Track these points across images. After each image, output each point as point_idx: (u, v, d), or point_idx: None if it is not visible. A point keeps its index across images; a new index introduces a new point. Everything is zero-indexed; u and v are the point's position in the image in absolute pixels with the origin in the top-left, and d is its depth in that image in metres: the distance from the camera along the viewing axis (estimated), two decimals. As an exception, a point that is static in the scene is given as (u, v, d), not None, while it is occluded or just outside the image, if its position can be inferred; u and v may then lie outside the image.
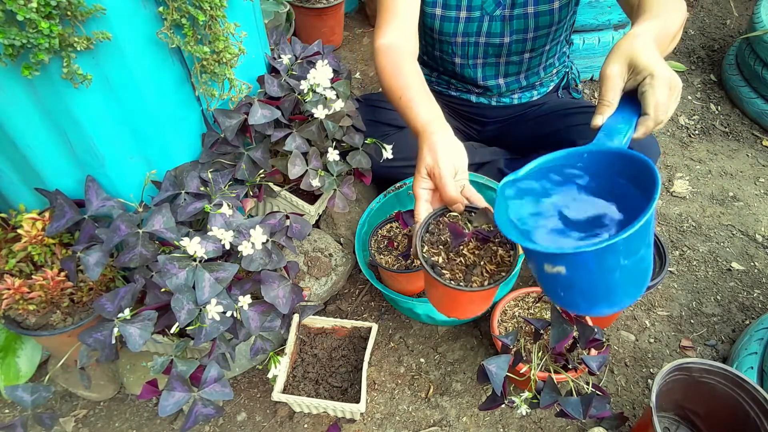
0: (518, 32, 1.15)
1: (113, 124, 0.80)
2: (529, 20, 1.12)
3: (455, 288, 0.71)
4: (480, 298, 0.78)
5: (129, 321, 0.79)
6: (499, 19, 1.12)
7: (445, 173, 0.77)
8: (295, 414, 1.06)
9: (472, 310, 0.84)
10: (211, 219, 0.83)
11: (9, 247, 0.85)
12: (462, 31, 1.14)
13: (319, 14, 1.89)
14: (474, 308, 0.83)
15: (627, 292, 0.64)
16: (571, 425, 1.05)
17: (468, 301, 0.78)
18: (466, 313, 0.86)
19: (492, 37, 1.15)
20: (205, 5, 0.75)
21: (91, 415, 1.07)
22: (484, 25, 1.13)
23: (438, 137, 0.80)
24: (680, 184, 1.55)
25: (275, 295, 0.88)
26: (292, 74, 1.01)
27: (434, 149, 0.79)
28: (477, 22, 1.13)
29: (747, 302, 1.29)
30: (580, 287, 0.63)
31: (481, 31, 1.14)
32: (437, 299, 0.82)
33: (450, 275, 0.74)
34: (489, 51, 1.19)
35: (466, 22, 1.12)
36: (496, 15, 1.11)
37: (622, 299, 0.64)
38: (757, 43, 1.71)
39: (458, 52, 1.20)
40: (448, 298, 0.79)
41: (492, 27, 1.13)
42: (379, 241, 1.12)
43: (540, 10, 1.11)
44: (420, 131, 0.85)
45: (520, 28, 1.14)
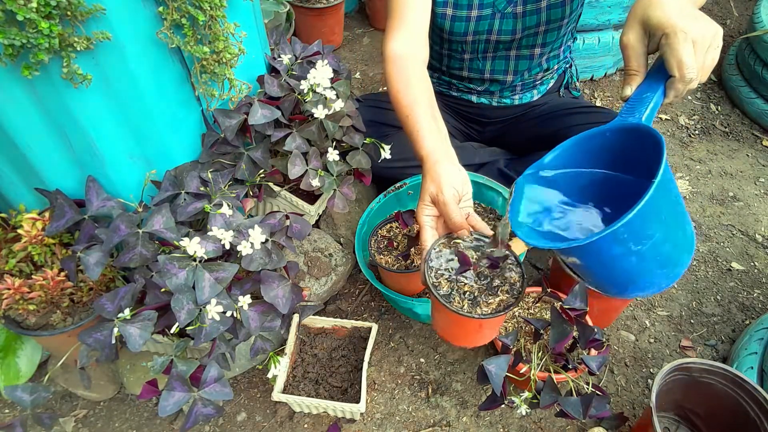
0: (530, 27, 1.14)
1: (113, 124, 0.80)
2: (541, 14, 1.12)
3: (465, 315, 0.71)
4: (489, 325, 0.77)
5: (129, 321, 0.79)
6: (510, 16, 1.12)
7: (449, 200, 0.78)
8: (295, 414, 1.06)
9: (481, 338, 0.83)
10: (211, 219, 0.83)
11: (9, 247, 0.85)
12: (473, 30, 1.14)
13: (319, 14, 1.90)
14: (483, 335, 0.82)
15: (656, 275, 0.61)
16: (571, 425, 1.05)
17: (477, 328, 0.77)
18: (476, 341, 0.85)
19: (503, 34, 1.15)
20: (205, 5, 0.75)
21: (91, 415, 1.07)
22: (496, 22, 1.12)
23: (441, 166, 0.82)
24: (680, 184, 1.55)
25: (275, 294, 0.88)
26: (292, 74, 1.01)
27: (437, 178, 0.80)
28: (488, 20, 1.12)
29: (747, 302, 1.29)
30: (600, 274, 0.63)
31: (492, 29, 1.14)
32: (445, 326, 0.81)
33: (458, 302, 0.74)
34: (500, 47, 1.19)
35: (477, 21, 1.12)
36: (507, 12, 1.11)
37: (653, 282, 0.62)
38: (757, 43, 1.71)
39: (468, 49, 1.20)
40: (457, 326, 0.78)
41: (503, 24, 1.13)
42: (379, 241, 1.12)
43: (552, 3, 1.10)
44: (424, 159, 0.86)
45: (532, 24, 1.13)
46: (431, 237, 0.80)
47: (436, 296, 0.72)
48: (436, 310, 0.81)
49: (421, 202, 0.82)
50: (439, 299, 0.72)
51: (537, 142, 1.24)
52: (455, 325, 0.78)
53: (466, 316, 0.71)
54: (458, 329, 0.80)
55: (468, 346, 0.89)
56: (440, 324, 0.82)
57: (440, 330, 0.84)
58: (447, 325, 0.80)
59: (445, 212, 0.79)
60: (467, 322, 0.73)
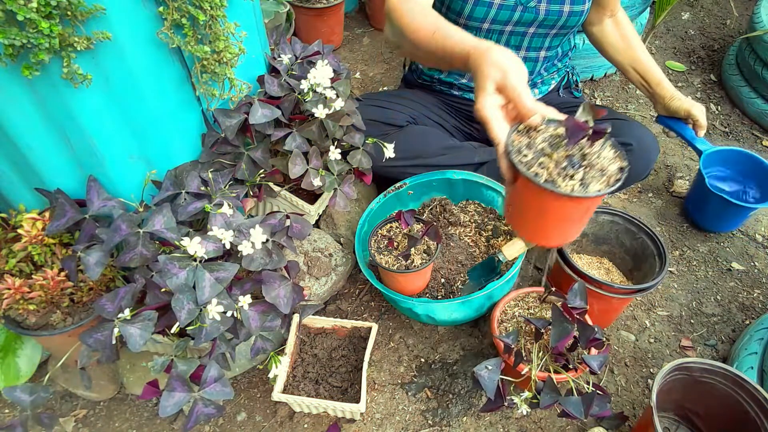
0: (544, 26, 1.15)
1: (113, 124, 0.80)
2: (561, 18, 1.13)
3: (580, 196, 0.63)
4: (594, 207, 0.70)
5: (129, 321, 0.79)
6: (532, 11, 1.12)
7: (519, 82, 0.71)
8: (295, 414, 1.06)
9: (580, 226, 0.74)
10: (211, 219, 0.83)
11: (9, 247, 0.85)
12: (492, 17, 1.13)
13: (319, 14, 1.90)
14: (582, 223, 0.74)
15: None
16: (571, 425, 1.05)
17: (586, 211, 0.69)
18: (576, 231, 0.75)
19: (518, 26, 1.16)
20: (206, 5, 0.75)
21: (91, 415, 1.07)
22: (516, 14, 1.13)
23: (497, 50, 0.75)
24: (680, 184, 1.55)
25: (276, 294, 0.88)
26: (292, 74, 1.01)
27: (499, 61, 0.73)
28: (509, 11, 1.12)
29: (747, 302, 1.29)
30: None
31: (511, 20, 1.14)
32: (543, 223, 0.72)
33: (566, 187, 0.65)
34: (510, 41, 1.20)
35: (498, 9, 1.12)
36: (530, 6, 1.11)
37: None
38: (757, 43, 1.71)
39: (480, 37, 1.20)
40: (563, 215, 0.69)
41: (523, 17, 1.13)
42: (379, 241, 1.12)
43: (574, 11, 1.12)
44: (471, 52, 0.79)
45: (549, 23, 1.14)
46: (504, 128, 0.71)
47: (538, 184, 0.64)
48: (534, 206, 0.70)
49: (483, 93, 0.73)
50: (546, 186, 0.63)
51: None
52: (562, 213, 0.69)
53: (581, 197, 0.63)
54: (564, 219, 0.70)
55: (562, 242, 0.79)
56: (535, 222, 0.73)
57: (534, 228, 0.74)
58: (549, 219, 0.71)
59: (515, 97, 0.71)
60: (577, 205, 0.66)
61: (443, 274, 1.16)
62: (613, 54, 1.30)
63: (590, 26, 1.30)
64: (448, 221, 1.25)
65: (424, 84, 1.39)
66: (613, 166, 0.67)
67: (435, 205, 1.28)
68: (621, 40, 1.28)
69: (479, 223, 1.25)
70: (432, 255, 1.07)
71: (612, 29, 1.28)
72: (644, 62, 1.25)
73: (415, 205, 1.30)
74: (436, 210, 1.28)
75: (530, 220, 0.73)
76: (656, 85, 1.25)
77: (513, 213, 0.76)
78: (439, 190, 1.29)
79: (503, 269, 1.12)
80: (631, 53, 1.27)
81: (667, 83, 1.24)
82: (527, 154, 0.68)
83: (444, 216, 1.26)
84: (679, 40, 2.16)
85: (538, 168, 0.66)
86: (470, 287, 1.12)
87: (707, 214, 1.41)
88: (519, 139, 0.70)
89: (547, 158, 0.67)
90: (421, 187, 1.26)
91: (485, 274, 1.12)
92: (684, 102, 1.22)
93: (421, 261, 1.06)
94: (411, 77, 1.44)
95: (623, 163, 0.67)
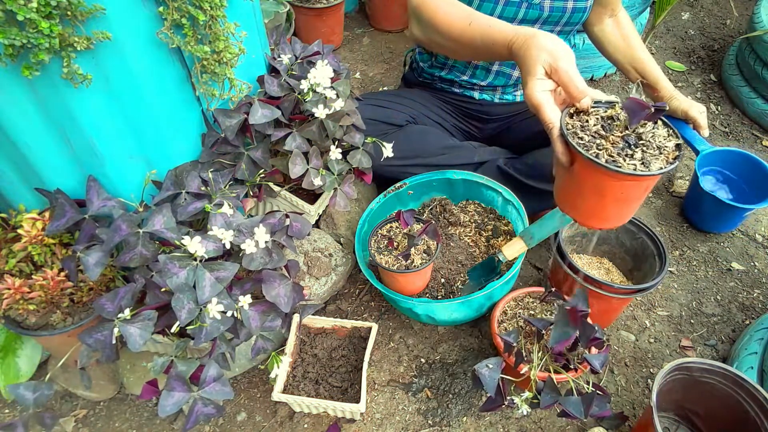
0: (549, 23, 1.16)
1: (113, 124, 0.80)
2: (565, 15, 1.14)
3: (643, 174, 0.63)
4: (652, 185, 0.70)
5: (129, 321, 0.79)
6: (537, 8, 1.13)
7: (570, 65, 0.71)
8: (295, 414, 1.06)
9: (637, 206, 0.74)
10: (211, 219, 0.83)
11: (9, 247, 0.85)
12: (498, 14, 1.14)
13: (319, 14, 1.90)
14: (636, 205, 0.74)
15: None
16: (571, 425, 1.05)
17: (645, 191, 0.70)
18: (632, 211, 0.75)
19: (523, 23, 1.16)
20: (205, 5, 0.75)
21: (91, 415, 1.07)
22: (521, 11, 1.13)
23: (543, 35, 0.76)
24: (680, 184, 1.55)
25: (276, 293, 0.88)
26: (292, 74, 1.01)
27: (547, 46, 0.74)
28: (515, 7, 1.13)
29: (747, 302, 1.29)
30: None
31: (516, 17, 1.15)
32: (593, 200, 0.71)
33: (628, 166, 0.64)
34: None
35: (504, 6, 1.13)
36: (535, 3, 1.12)
37: None
38: (757, 43, 1.71)
39: None
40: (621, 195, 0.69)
41: (528, 14, 1.14)
42: (379, 241, 1.12)
43: (577, 7, 1.13)
44: (513, 39, 0.80)
45: (553, 20, 1.15)
46: (556, 112, 0.72)
47: (601, 165, 0.63)
48: (593, 188, 0.70)
49: (533, 78, 0.73)
50: (609, 167, 0.63)
51: (537, 138, 1.24)
52: (622, 194, 0.69)
53: (643, 175, 0.63)
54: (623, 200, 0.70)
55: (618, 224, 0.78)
56: (593, 204, 0.72)
57: (590, 210, 0.73)
58: (608, 200, 0.70)
59: (566, 80, 0.71)
60: (638, 184, 0.66)
61: (443, 274, 1.16)
62: (612, 53, 1.31)
63: (591, 26, 1.30)
64: (448, 221, 1.25)
65: (425, 82, 1.39)
66: (670, 144, 0.67)
67: (435, 205, 1.28)
68: (621, 39, 1.28)
69: (479, 223, 1.25)
70: (432, 255, 1.07)
71: (612, 29, 1.29)
72: (644, 62, 1.25)
73: (415, 205, 1.30)
74: (436, 210, 1.28)
75: (587, 203, 0.73)
76: (655, 84, 1.25)
77: (567, 196, 0.76)
78: (439, 190, 1.29)
79: (503, 269, 1.12)
80: (631, 53, 1.27)
81: (665, 83, 1.25)
82: (583, 137, 0.68)
83: (444, 216, 1.26)
84: (679, 40, 2.16)
85: (596, 149, 0.66)
86: (470, 287, 1.13)
87: (703, 214, 1.41)
88: (572, 122, 0.70)
89: (603, 140, 0.67)
90: (421, 187, 1.26)
91: (485, 274, 1.12)
92: (683, 102, 1.22)
93: (421, 261, 1.07)
94: (411, 76, 1.44)
95: (678, 139, 0.68)
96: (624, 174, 0.64)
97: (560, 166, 0.72)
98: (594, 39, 1.33)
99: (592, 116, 0.70)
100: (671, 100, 1.24)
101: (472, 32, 0.88)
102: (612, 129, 0.68)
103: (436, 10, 0.95)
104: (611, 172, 0.64)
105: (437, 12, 0.95)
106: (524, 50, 0.77)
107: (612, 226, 0.77)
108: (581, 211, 0.75)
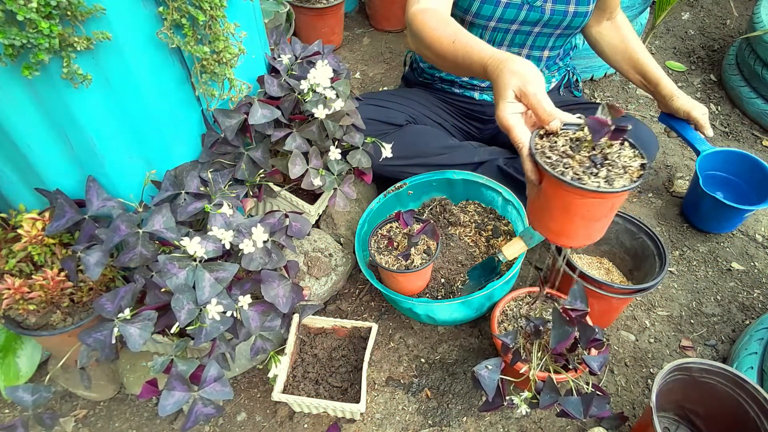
0: (549, 26, 1.17)
1: (113, 124, 0.80)
2: (566, 18, 1.15)
3: (607, 191, 0.65)
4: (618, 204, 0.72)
5: (129, 321, 0.79)
6: (538, 10, 1.14)
7: (538, 89, 0.74)
8: (295, 414, 1.06)
9: (607, 223, 0.76)
10: (211, 219, 0.83)
11: (9, 247, 0.85)
12: (499, 15, 1.15)
13: (319, 14, 1.90)
14: (609, 220, 0.75)
15: None
16: (571, 425, 1.05)
17: (611, 208, 0.71)
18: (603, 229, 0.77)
19: (524, 25, 1.17)
20: (205, 5, 0.75)
21: (91, 415, 1.07)
22: (522, 13, 1.14)
23: (515, 60, 0.78)
24: (680, 184, 1.55)
25: (275, 294, 0.88)
26: (292, 74, 1.01)
27: (518, 70, 0.77)
28: (516, 9, 1.14)
29: (747, 302, 1.29)
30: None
31: (517, 19, 1.15)
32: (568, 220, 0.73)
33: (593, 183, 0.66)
34: (515, 40, 1.21)
35: (505, 7, 1.13)
36: (536, 5, 1.13)
37: None
38: (757, 43, 1.71)
39: (485, 37, 1.21)
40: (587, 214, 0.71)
41: (529, 16, 1.15)
42: (379, 241, 1.12)
43: (578, 11, 1.14)
44: (489, 62, 0.83)
45: (554, 23, 1.16)
46: (526, 133, 0.74)
47: (566, 182, 0.66)
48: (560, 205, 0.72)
49: (504, 102, 0.76)
50: (573, 183, 0.65)
51: None
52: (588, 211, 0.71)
53: (606, 192, 0.65)
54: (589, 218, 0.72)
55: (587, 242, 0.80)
56: (561, 222, 0.74)
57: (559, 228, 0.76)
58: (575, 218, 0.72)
59: (534, 103, 0.74)
60: (603, 202, 0.68)
61: (443, 274, 1.16)
62: (611, 55, 1.31)
63: (588, 28, 1.30)
64: (448, 221, 1.25)
65: (425, 82, 1.39)
66: (635, 163, 0.69)
67: (435, 205, 1.28)
68: (620, 42, 1.28)
69: (479, 223, 1.25)
70: (432, 255, 1.07)
71: (610, 31, 1.29)
72: (644, 63, 1.26)
73: (415, 205, 1.30)
74: (436, 210, 1.28)
75: (555, 220, 0.75)
76: (656, 85, 1.25)
77: (537, 215, 0.78)
78: (439, 190, 1.29)
79: (503, 269, 1.12)
80: (630, 55, 1.27)
81: (667, 82, 1.24)
82: (551, 156, 0.70)
83: (444, 216, 1.26)
84: (679, 40, 2.16)
85: (563, 168, 0.68)
86: (470, 287, 1.13)
87: (703, 215, 1.41)
88: (541, 143, 0.73)
89: (570, 159, 0.69)
90: (421, 187, 1.26)
91: (485, 274, 1.12)
92: (685, 103, 1.22)
93: (421, 261, 1.07)
94: (411, 76, 1.44)
95: (643, 159, 0.70)
96: (587, 191, 0.66)
97: (531, 186, 0.75)
98: (592, 42, 1.33)
99: (561, 137, 0.73)
100: (672, 100, 1.24)
101: (455, 50, 0.91)
102: (580, 149, 0.71)
103: (425, 25, 0.97)
104: (575, 188, 0.66)
105: (426, 27, 0.97)
106: (497, 74, 0.80)
107: (581, 244, 0.80)
108: (551, 229, 0.78)
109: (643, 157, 0.70)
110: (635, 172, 0.68)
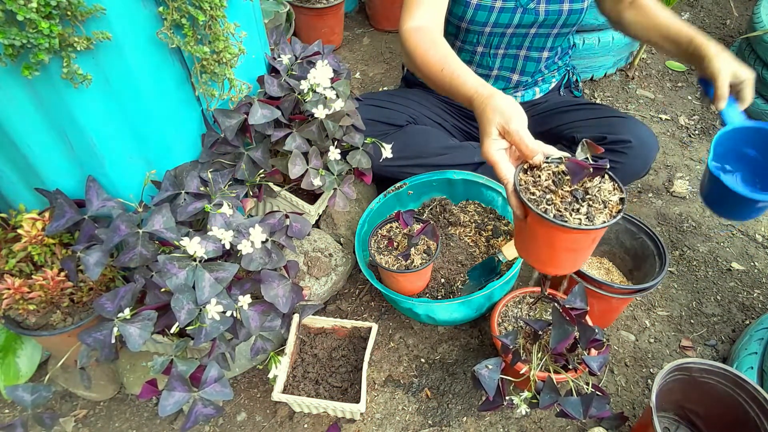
0: (545, 27, 1.17)
1: (113, 124, 0.80)
2: (561, 17, 1.15)
3: (586, 228, 0.68)
4: (599, 236, 0.75)
5: (129, 321, 0.79)
6: (532, 12, 1.14)
7: (521, 126, 0.76)
8: (295, 414, 1.06)
9: (588, 254, 0.80)
10: (211, 219, 0.83)
11: (9, 247, 0.85)
12: (494, 21, 1.15)
13: (319, 14, 1.90)
14: (590, 251, 0.79)
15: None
16: (571, 425, 1.05)
17: (592, 242, 0.75)
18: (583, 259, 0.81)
19: (520, 28, 1.17)
20: (205, 5, 0.75)
21: (91, 415, 1.07)
22: (517, 16, 1.14)
23: (499, 97, 0.80)
24: (680, 184, 1.55)
25: (275, 294, 0.88)
26: (292, 74, 1.01)
27: (500, 108, 0.78)
28: (510, 13, 1.14)
29: (747, 302, 1.29)
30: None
31: (512, 23, 1.15)
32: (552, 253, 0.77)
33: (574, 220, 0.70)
34: (513, 42, 1.21)
35: (499, 12, 1.14)
36: (530, 8, 1.13)
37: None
38: (757, 43, 1.71)
39: (482, 41, 1.21)
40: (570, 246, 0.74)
41: (524, 19, 1.15)
42: (379, 241, 1.12)
43: (573, 8, 1.13)
44: (474, 97, 0.85)
45: (549, 23, 1.16)
46: (510, 169, 0.76)
47: (549, 220, 0.69)
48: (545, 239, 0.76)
49: (488, 138, 0.78)
50: (556, 222, 0.69)
51: (537, 139, 1.24)
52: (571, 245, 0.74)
53: (587, 229, 0.69)
54: (573, 250, 0.76)
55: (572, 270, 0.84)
56: (546, 254, 0.78)
57: (545, 258, 0.79)
58: (559, 250, 0.76)
59: (517, 140, 0.76)
60: (585, 236, 0.72)
61: (443, 274, 1.16)
62: (642, 34, 1.21)
63: (616, 15, 1.23)
64: (448, 221, 1.25)
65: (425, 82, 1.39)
66: (614, 197, 0.73)
67: (435, 205, 1.28)
68: (646, 18, 1.18)
69: (479, 223, 1.25)
70: (432, 255, 1.07)
71: (634, 17, 1.20)
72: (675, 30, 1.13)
73: (415, 205, 1.30)
74: (436, 210, 1.28)
75: (541, 252, 0.79)
76: (687, 46, 1.10)
77: (523, 245, 0.82)
78: (439, 190, 1.29)
79: (503, 269, 1.12)
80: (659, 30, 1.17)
81: (699, 42, 1.06)
82: (534, 192, 0.73)
83: (444, 216, 1.26)
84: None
85: (546, 204, 0.72)
86: (470, 287, 1.13)
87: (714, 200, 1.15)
88: (525, 178, 0.76)
89: (553, 195, 0.73)
90: (421, 187, 1.26)
91: (485, 274, 1.12)
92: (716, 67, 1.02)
93: (421, 261, 1.07)
94: (411, 76, 1.44)
95: (622, 194, 0.73)
96: (570, 228, 0.69)
97: (517, 219, 0.77)
98: (621, 29, 1.26)
99: (544, 171, 0.76)
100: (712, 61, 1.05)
101: (443, 77, 0.93)
102: (562, 183, 0.74)
103: (417, 47, 0.98)
104: (558, 226, 0.69)
105: (418, 49, 0.98)
106: (481, 109, 0.82)
107: (567, 272, 0.84)
108: (537, 259, 0.81)
109: (622, 191, 0.74)
110: (614, 207, 0.72)
